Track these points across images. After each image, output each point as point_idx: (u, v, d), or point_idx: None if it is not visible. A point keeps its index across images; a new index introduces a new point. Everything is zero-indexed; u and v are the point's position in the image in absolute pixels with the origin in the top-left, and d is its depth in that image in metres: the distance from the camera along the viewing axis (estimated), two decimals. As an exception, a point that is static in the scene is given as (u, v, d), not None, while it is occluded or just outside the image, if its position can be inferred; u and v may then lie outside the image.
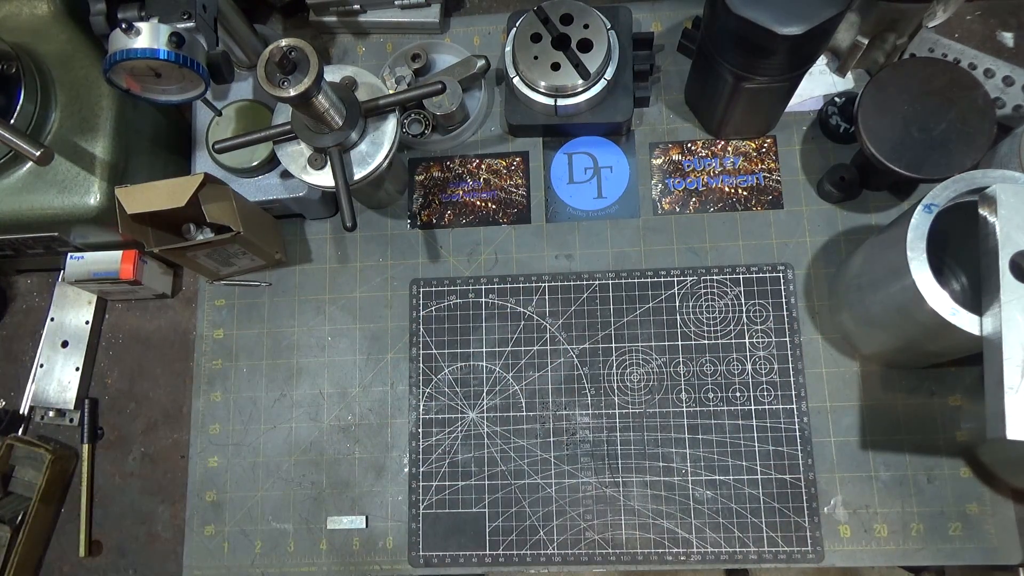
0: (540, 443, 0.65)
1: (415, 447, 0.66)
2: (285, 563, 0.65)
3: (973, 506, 0.60)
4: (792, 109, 0.69)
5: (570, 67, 0.65)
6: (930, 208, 0.49)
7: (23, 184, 0.62)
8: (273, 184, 0.68)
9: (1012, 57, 0.69)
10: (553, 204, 0.71)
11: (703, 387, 0.64)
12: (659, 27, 0.74)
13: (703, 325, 0.66)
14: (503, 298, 0.68)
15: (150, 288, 0.70)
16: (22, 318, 0.74)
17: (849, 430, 0.63)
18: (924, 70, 0.59)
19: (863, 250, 0.59)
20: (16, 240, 0.66)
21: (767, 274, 0.66)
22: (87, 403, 0.70)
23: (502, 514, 0.64)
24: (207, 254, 0.65)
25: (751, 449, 0.63)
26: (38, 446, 0.67)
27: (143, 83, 0.58)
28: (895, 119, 0.58)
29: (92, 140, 0.63)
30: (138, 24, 0.53)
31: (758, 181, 0.69)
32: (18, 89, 0.60)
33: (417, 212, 0.72)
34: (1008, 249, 0.46)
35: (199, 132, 0.70)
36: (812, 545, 0.60)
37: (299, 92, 0.51)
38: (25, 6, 0.65)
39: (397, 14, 0.75)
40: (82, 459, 0.69)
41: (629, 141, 0.71)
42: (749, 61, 0.56)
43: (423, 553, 0.64)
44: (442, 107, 0.68)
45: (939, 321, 0.47)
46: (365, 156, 0.59)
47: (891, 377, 0.63)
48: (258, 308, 0.71)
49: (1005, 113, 0.65)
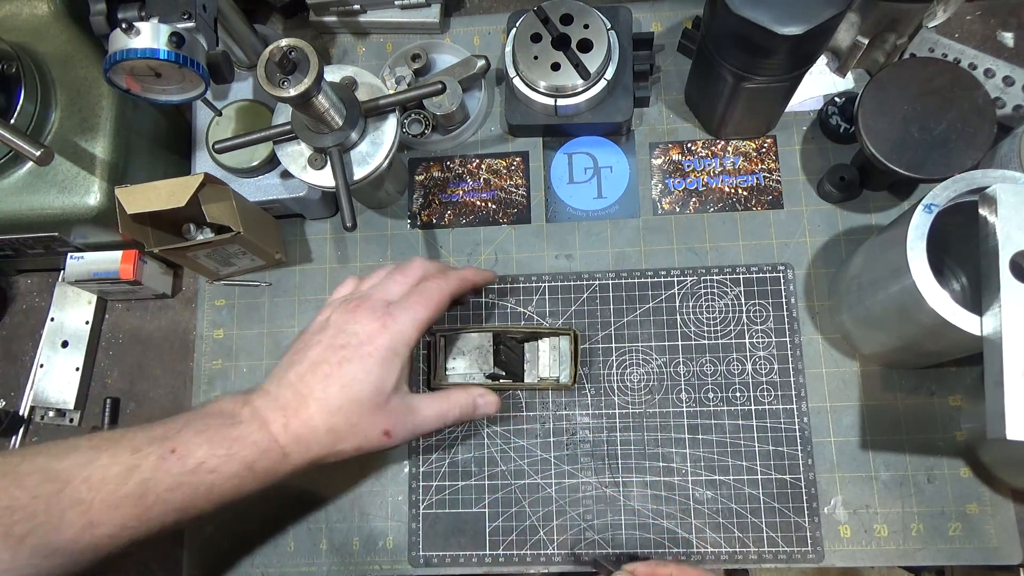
0: (540, 443, 0.65)
1: (415, 447, 0.66)
2: (285, 563, 0.65)
3: (973, 506, 0.60)
4: (792, 109, 0.69)
5: (570, 67, 0.65)
6: (930, 208, 0.49)
7: (23, 184, 0.62)
8: (273, 184, 0.68)
9: (1012, 57, 0.69)
10: (553, 204, 0.71)
11: (703, 387, 0.64)
12: (659, 27, 0.74)
13: (703, 325, 0.66)
14: (503, 298, 0.68)
15: (150, 288, 0.70)
16: (22, 318, 0.74)
17: (849, 430, 0.63)
18: (924, 70, 0.59)
19: (863, 250, 0.59)
20: (16, 240, 0.66)
21: (767, 274, 0.66)
22: (108, 402, 0.70)
23: (502, 514, 0.64)
24: (207, 254, 0.65)
25: (751, 449, 0.63)
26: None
27: (143, 83, 0.58)
28: (895, 119, 0.58)
29: (92, 140, 0.63)
30: (138, 24, 0.53)
31: (758, 181, 0.69)
32: (18, 89, 0.60)
33: (417, 212, 0.72)
34: (1008, 249, 0.46)
35: (199, 132, 0.70)
36: (812, 545, 0.61)
37: (299, 92, 0.51)
38: (25, 6, 0.65)
39: (397, 14, 0.75)
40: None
41: (629, 141, 0.71)
42: (749, 61, 0.56)
43: (423, 553, 0.64)
44: (442, 107, 0.69)
45: (939, 321, 0.47)
46: (365, 156, 0.59)
47: (891, 377, 0.63)
48: (258, 308, 0.71)
49: (1005, 113, 0.65)
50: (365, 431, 0.50)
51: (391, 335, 0.51)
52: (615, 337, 0.66)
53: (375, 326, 0.51)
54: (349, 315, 0.52)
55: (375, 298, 0.53)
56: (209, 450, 0.47)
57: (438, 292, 0.54)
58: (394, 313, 0.52)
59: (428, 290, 0.54)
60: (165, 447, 0.46)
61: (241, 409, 0.49)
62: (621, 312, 0.67)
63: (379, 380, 0.50)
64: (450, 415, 0.55)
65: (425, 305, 0.53)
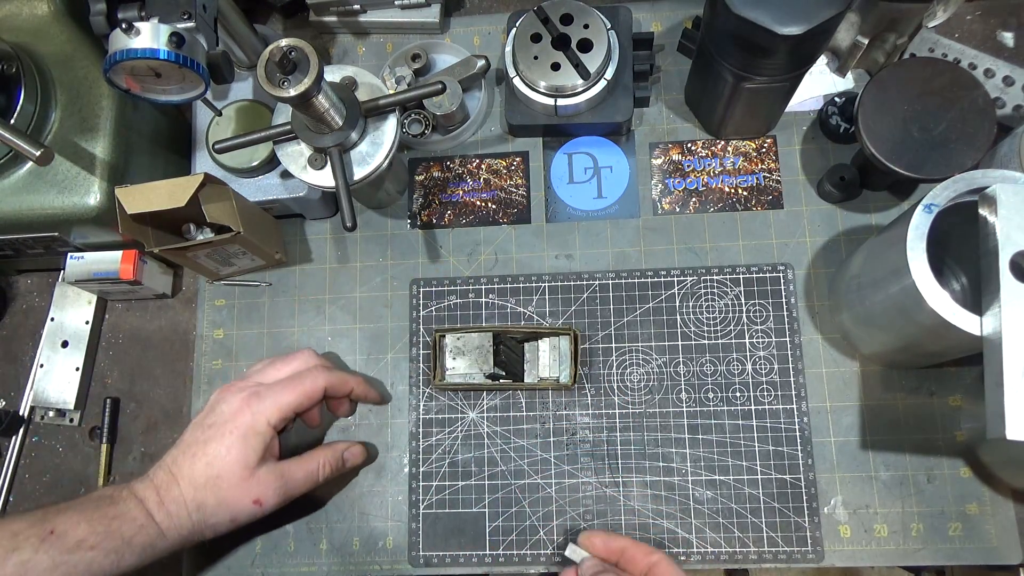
0: (540, 443, 0.65)
1: (415, 447, 0.66)
2: (285, 563, 0.65)
3: (973, 506, 0.60)
4: (792, 109, 0.69)
5: (570, 67, 0.65)
6: (930, 208, 0.49)
7: (23, 184, 0.62)
8: (273, 184, 0.68)
9: (1012, 57, 0.69)
10: (553, 204, 0.71)
11: (703, 387, 0.64)
12: (659, 27, 0.74)
13: (703, 325, 0.66)
14: (503, 298, 0.68)
15: (150, 288, 0.70)
16: (22, 318, 0.74)
17: (849, 430, 0.63)
18: (924, 70, 0.59)
19: (863, 250, 0.59)
20: (16, 240, 0.66)
21: (767, 274, 0.66)
22: (108, 402, 0.70)
23: (502, 514, 0.64)
24: (207, 254, 0.65)
25: (751, 449, 0.63)
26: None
27: (143, 83, 0.58)
28: (895, 119, 0.58)
29: (92, 140, 0.63)
30: (138, 24, 0.53)
31: (758, 181, 0.69)
32: (18, 89, 0.60)
33: (417, 212, 0.72)
34: (1008, 249, 0.46)
35: (199, 132, 0.70)
36: (812, 545, 0.61)
37: (299, 92, 0.51)
38: (25, 6, 0.65)
39: (397, 14, 0.75)
40: (100, 462, 0.69)
41: (629, 141, 0.71)
42: (749, 61, 0.56)
43: (423, 553, 0.64)
44: (442, 107, 0.68)
45: (939, 321, 0.47)
46: (365, 156, 0.59)
47: (891, 377, 0.63)
48: (258, 308, 0.71)
49: (1005, 113, 0.65)
50: (233, 504, 0.55)
51: (252, 414, 0.55)
52: (615, 337, 0.66)
53: (239, 406, 0.56)
54: (220, 395, 0.57)
55: (249, 380, 0.59)
56: (88, 528, 0.50)
57: (311, 382, 0.58)
58: (261, 393, 0.57)
59: (300, 377, 0.59)
60: (44, 528, 0.50)
61: (120, 492, 0.54)
62: (621, 312, 0.67)
63: (241, 455, 0.54)
64: (321, 474, 0.60)
65: (292, 390, 0.57)
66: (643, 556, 0.54)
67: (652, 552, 0.54)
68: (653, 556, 0.54)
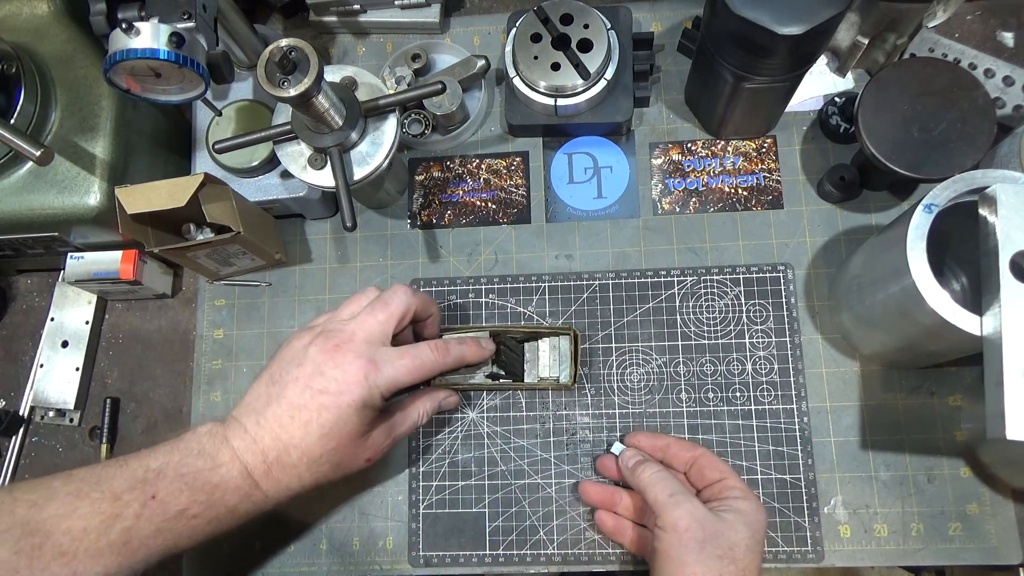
0: (540, 443, 0.65)
1: (415, 447, 0.66)
2: (285, 563, 0.65)
3: (973, 506, 0.60)
4: (792, 109, 0.69)
5: (570, 67, 0.65)
6: (930, 208, 0.49)
7: (23, 184, 0.62)
8: (273, 184, 0.68)
9: (1012, 57, 0.69)
10: (553, 204, 0.71)
11: (703, 387, 0.64)
12: (659, 27, 0.74)
13: (703, 325, 0.66)
14: (503, 298, 0.68)
15: (150, 288, 0.70)
16: (22, 318, 0.74)
17: (849, 430, 0.63)
18: (924, 70, 0.59)
19: (863, 250, 0.59)
20: (16, 240, 0.66)
21: (767, 274, 0.66)
22: (108, 402, 0.70)
23: (502, 514, 0.64)
24: (207, 254, 0.65)
25: (751, 449, 0.63)
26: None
27: (143, 83, 0.58)
28: (895, 119, 0.58)
29: (92, 140, 0.63)
30: (138, 24, 0.53)
31: (758, 181, 0.69)
32: (18, 89, 0.60)
33: (417, 212, 0.72)
34: (1008, 249, 0.46)
35: (199, 132, 0.70)
36: (812, 545, 0.60)
37: (299, 92, 0.51)
38: (25, 6, 0.65)
39: (397, 14, 0.75)
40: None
41: (629, 141, 0.71)
42: (749, 61, 0.56)
43: (423, 553, 0.64)
44: (442, 107, 0.69)
45: (939, 321, 0.47)
46: (365, 156, 0.59)
47: (891, 377, 0.63)
48: (258, 308, 0.71)
49: (1005, 113, 0.65)
50: (347, 466, 0.54)
51: (369, 388, 0.51)
52: (615, 337, 0.66)
53: (356, 376, 0.50)
54: (329, 356, 0.51)
55: (358, 339, 0.52)
56: (191, 496, 0.48)
57: (431, 365, 0.55)
58: (379, 364, 0.52)
59: (423, 359, 0.54)
60: (146, 493, 0.48)
61: (221, 449, 0.50)
62: (621, 312, 0.67)
63: (358, 427, 0.52)
64: (421, 421, 0.58)
65: (410, 371, 0.53)
66: (686, 451, 0.57)
67: (695, 447, 0.57)
68: (696, 450, 0.57)
